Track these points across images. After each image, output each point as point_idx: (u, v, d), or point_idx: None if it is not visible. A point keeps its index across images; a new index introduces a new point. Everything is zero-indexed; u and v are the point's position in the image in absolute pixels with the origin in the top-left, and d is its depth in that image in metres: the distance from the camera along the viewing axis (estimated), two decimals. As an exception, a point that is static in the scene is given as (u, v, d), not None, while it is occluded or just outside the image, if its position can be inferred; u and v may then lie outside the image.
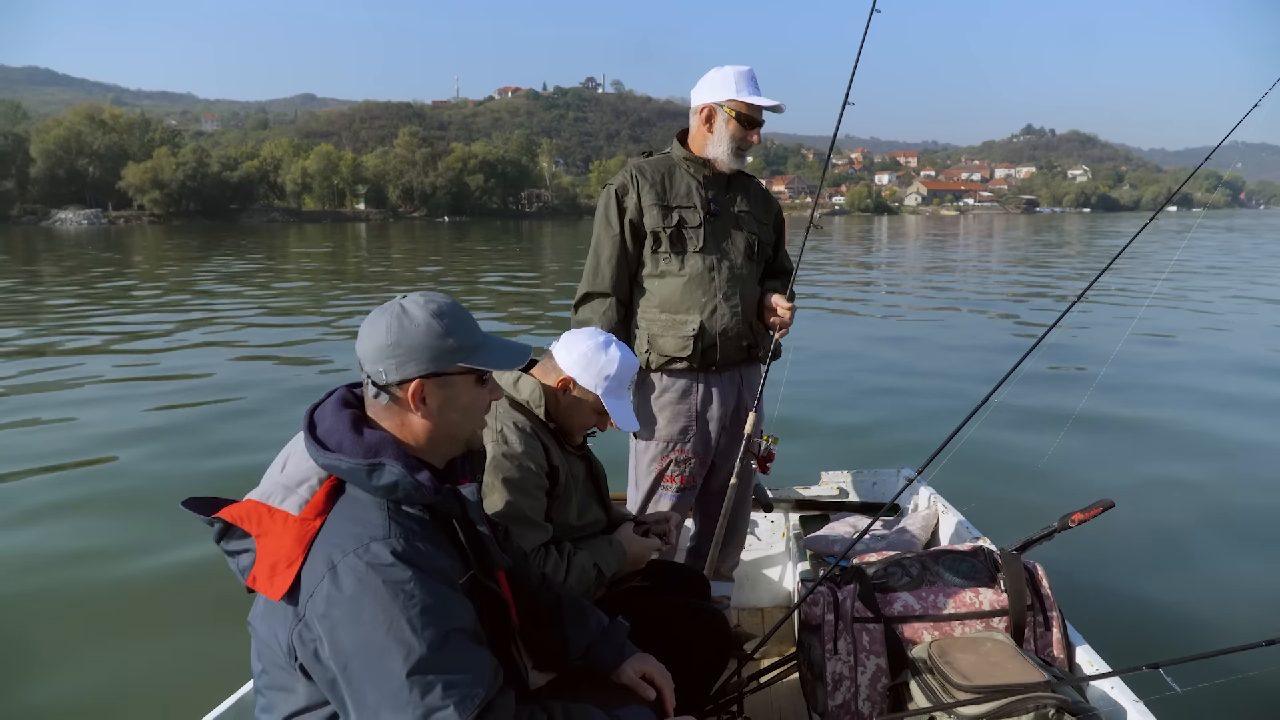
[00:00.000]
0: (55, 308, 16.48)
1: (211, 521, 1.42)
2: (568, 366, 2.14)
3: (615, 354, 2.15)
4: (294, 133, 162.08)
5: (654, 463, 2.85)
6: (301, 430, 1.47)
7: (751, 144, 2.76)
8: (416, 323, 1.45)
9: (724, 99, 2.70)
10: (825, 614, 2.17)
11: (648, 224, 2.77)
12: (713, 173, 2.81)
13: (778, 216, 3.04)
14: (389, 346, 1.44)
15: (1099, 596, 4.02)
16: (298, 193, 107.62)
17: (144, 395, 8.93)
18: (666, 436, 2.83)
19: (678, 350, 2.78)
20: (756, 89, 2.72)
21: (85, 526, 5.36)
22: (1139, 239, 2.74)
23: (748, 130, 2.73)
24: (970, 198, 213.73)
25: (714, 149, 2.75)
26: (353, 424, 1.44)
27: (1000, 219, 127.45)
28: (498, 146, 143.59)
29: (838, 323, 14.66)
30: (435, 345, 1.46)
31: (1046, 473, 5.93)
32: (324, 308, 16.69)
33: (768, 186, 3.08)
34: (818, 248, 37.21)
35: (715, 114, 2.73)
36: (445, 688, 1.29)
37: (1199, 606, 4.07)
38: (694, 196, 2.79)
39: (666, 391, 2.83)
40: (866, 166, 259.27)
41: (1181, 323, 13.67)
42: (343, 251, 37.74)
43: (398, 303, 1.48)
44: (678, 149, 2.85)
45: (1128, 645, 3.24)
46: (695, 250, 2.78)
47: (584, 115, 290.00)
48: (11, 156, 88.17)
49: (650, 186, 2.77)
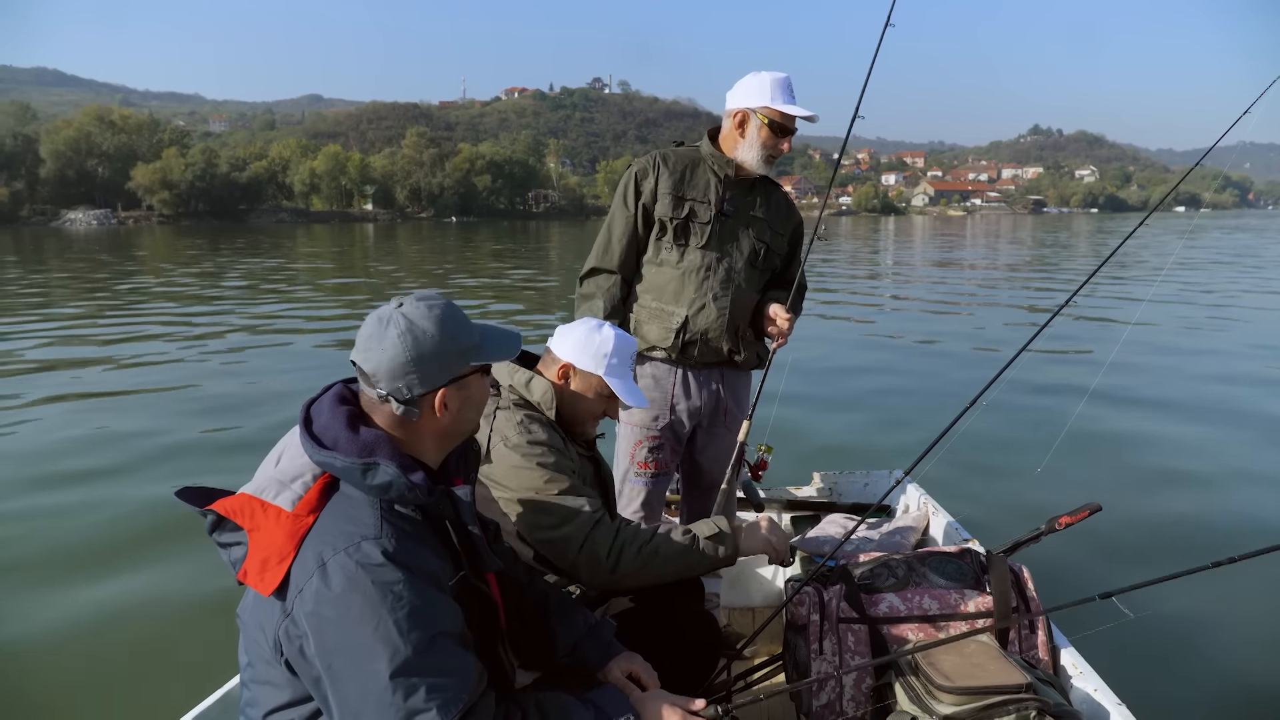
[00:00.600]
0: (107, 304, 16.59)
1: (204, 513, 1.43)
2: (564, 353, 2.16)
3: (609, 333, 2.17)
4: (301, 133, 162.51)
5: (630, 445, 2.89)
6: (297, 425, 1.48)
7: (782, 152, 2.80)
8: (429, 333, 1.45)
9: (759, 105, 2.73)
10: (811, 614, 2.18)
11: (658, 211, 2.81)
12: (735, 174, 2.83)
13: (796, 229, 3.04)
14: (409, 363, 1.43)
15: (1089, 608, 4.03)
16: (306, 193, 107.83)
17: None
18: (640, 421, 2.87)
19: (660, 339, 2.83)
20: (792, 98, 2.75)
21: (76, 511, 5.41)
22: (1150, 240, 2.75)
23: (779, 138, 2.77)
24: (977, 198, 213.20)
25: (744, 153, 2.79)
26: (349, 421, 1.44)
27: (1007, 219, 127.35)
28: (505, 147, 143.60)
29: (834, 322, 14.68)
30: (450, 351, 1.47)
31: (1037, 475, 5.92)
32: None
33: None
34: (818, 250, 37.13)
35: (749, 119, 2.76)
36: (429, 691, 1.30)
37: (1186, 608, 4.07)
38: (710, 193, 2.82)
39: (643, 378, 2.87)
40: (873, 167, 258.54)
41: (1178, 326, 13.60)
42: (370, 251, 38.05)
43: (399, 313, 1.46)
44: (706, 145, 2.87)
45: (1113, 648, 3.25)
46: (697, 245, 2.81)
47: (590, 116, 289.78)
48: (21, 157, 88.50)
49: (670, 175, 2.81)
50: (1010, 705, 1.84)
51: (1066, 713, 1.89)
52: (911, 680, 1.99)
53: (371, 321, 1.47)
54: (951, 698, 1.88)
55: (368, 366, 1.45)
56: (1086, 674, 2.12)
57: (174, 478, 6.18)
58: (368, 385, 1.47)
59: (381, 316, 1.47)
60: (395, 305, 1.48)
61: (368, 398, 1.49)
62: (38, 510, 5.57)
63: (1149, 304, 16.30)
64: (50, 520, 5.39)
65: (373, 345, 1.44)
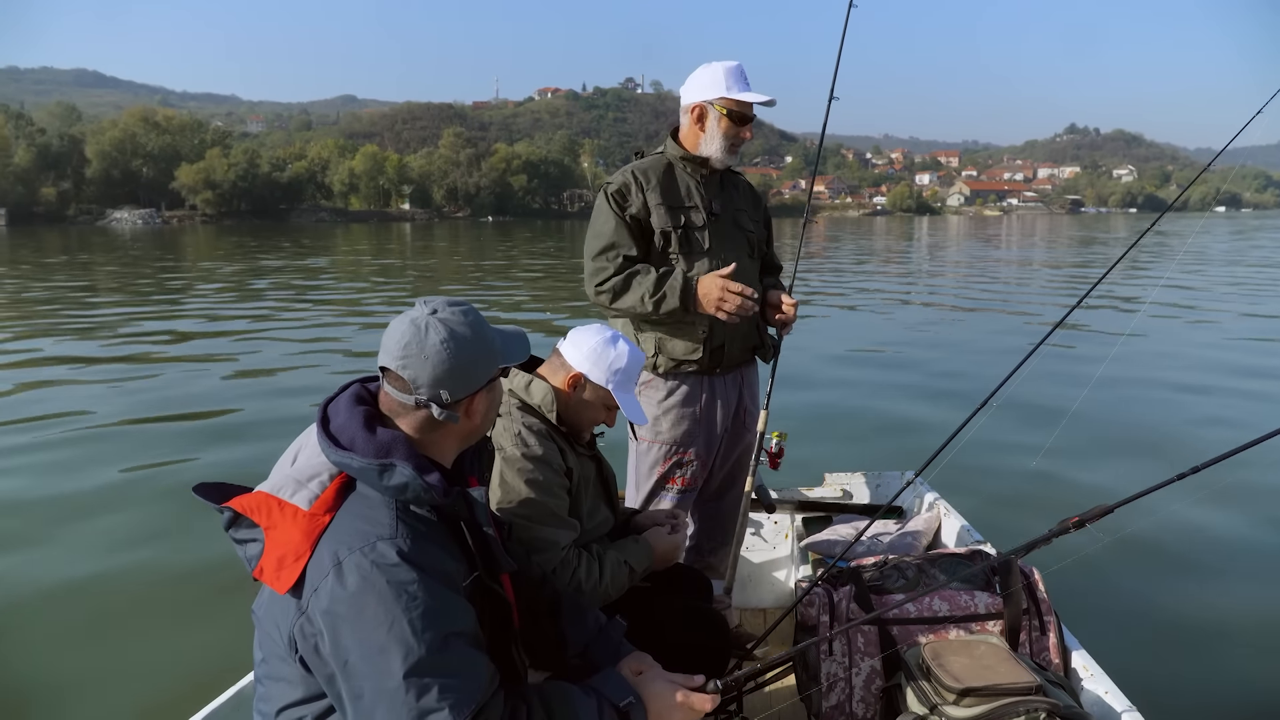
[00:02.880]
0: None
1: (221, 510, 1.44)
2: (577, 362, 2.14)
3: (624, 348, 2.16)
4: (337, 133, 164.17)
5: (657, 465, 2.86)
6: (314, 423, 1.49)
7: (744, 139, 2.75)
8: (468, 339, 1.47)
9: (715, 97, 2.69)
10: (821, 615, 2.19)
11: (656, 223, 2.75)
12: (708, 171, 2.80)
13: (766, 212, 3.04)
14: (453, 369, 1.45)
15: (1097, 601, 4.00)
16: (344, 193, 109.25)
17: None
18: (671, 439, 2.83)
19: (687, 354, 2.78)
20: (747, 84, 2.71)
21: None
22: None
23: (740, 126, 2.73)
24: (1014, 198, 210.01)
25: (707, 147, 2.75)
26: (365, 421, 1.45)
27: (1044, 219, 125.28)
28: (540, 147, 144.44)
29: (848, 322, 14.62)
30: (485, 356, 1.50)
31: (1048, 476, 5.87)
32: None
33: (805, 186, 3.08)
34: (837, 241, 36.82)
35: (707, 112, 2.72)
36: (441, 690, 1.31)
37: (1198, 611, 4.03)
38: (695, 196, 2.80)
39: (672, 395, 2.83)
40: (907, 166, 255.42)
41: (1194, 324, 13.46)
42: (420, 249, 38.67)
43: (436, 319, 1.47)
44: (673, 147, 2.83)
45: (1125, 650, 3.23)
46: (702, 250, 2.77)
47: (623, 116, 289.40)
48: (68, 157, 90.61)
49: (654, 187, 2.76)
50: (1020, 707, 1.83)
51: (1077, 715, 1.88)
52: (921, 681, 1.99)
53: (405, 328, 1.47)
54: (961, 699, 1.88)
55: (407, 374, 1.45)
56: (1098, 676, 2.10)
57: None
58: (401, 391, 1.47)
59: (417, 323, 1.46)
60: (429, 311, 1.48)
61: (391, 401, 1.49)
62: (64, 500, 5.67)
63: (1149, 301, 16.01)
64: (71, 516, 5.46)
65: (413, 353, 1.45)
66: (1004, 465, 6.09)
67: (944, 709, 1.88)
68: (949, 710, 1.87)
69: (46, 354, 11.36)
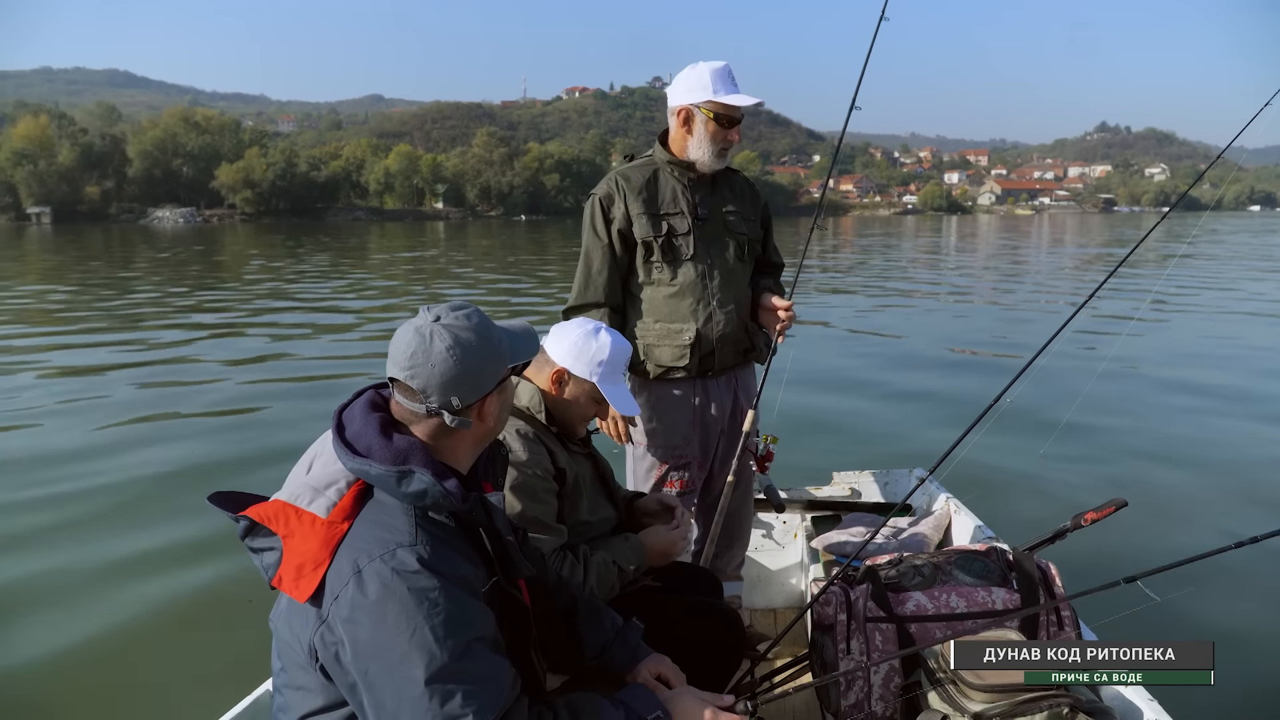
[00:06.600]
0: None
1: (237, 519, 1.43)
2: (559, 357, 2.11)
3: (605, 339, 2.11)
4: (367, 133, 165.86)
5: (653, 470, 2.85)
6: (329, 431, 1.48)
7: (733, 142, 2.69)
8: (474, 343, 1.45)
9: (701, 100, 2.63)
10: (838, 614, 2.18)
11: (638, 233, 2.72)
12: (697, 175, 2.76)
13: (765, 210, 2.97)
14: (460, 376, 1.44)
15: (1112, 595, 3.96)
16: (380, 192, 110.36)
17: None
18: (666, 444, 2.83)
19: (674, 360, 2.76)
20: (734, 86, 2.64)
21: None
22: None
23: (728, 130, 2.66)
24: (1045, 197, 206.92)
25: (695, 151, 2.70)
26: (381, 428, 1.44)
27: (1076, 218, 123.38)
28: (572, 146, 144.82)
29: (856, 320, 14.55)
30: (492, 359, 1.49)
31: (1061, 471, 5.80)
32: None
33: (834, 185, 3.02)
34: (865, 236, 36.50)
35: (693, 116, 2.66)
36: (465, 697, 1.31)
37: (1215, 603, 3.96)
38: (680, 202, 2.75)
39: (664, 400, 2.82)
40: (935, 165, 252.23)
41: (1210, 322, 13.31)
42: (456, 244, 39.41)
43: (439, 326, 1.45)
44: (660, 152, 2.78)
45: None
46: (686, 257, 2.73)
47: (651, 115, 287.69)
48: (109, 157, 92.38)
49: (636, 195, 2.72)
50: (1043, 702, 1.84)
51: (1099, 709, 1.87)
52: (941, 678, 1.99)
53: (410, 337, 1.45)
54: (982, 695, 1.87)
55: (416, 383, 1.44)
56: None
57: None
58: (412, 401, 1.46)
59: (421, 331, 1.45)
60: (432, 318, 1.46)
61: (404, 409, 1.47)
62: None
63: (1150, 301, 15.77)
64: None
65: (419, 362, 1.43)
66: (1015, 462, 6.04)
67: (965, 705, 1.89)
68: (970, 706, 1.87)
69: (101, 360, 11.29)
